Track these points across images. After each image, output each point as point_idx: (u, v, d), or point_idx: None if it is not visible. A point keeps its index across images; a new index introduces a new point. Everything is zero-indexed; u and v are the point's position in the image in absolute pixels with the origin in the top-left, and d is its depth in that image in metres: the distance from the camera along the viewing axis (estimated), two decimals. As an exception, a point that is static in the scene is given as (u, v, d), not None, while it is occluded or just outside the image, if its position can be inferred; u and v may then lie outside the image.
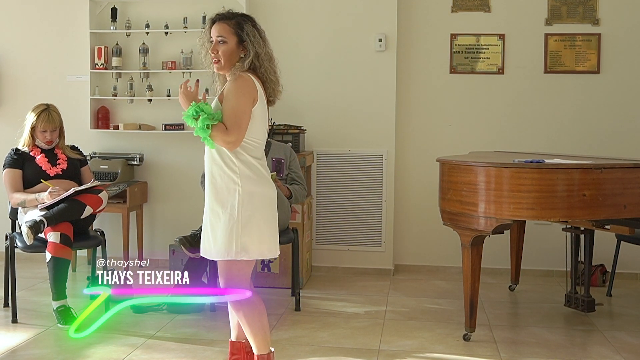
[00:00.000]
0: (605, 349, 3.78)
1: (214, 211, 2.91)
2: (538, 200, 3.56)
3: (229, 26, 2.94)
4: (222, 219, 2.88)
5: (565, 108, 5.45)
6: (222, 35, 2.94)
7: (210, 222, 2.93)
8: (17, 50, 5.82)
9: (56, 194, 4.12)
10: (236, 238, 2.87)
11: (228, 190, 2.88)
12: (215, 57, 2.94)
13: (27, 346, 3.73)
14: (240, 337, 3.23)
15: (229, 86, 2.88)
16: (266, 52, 2.95)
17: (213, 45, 2.95)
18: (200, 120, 2.79)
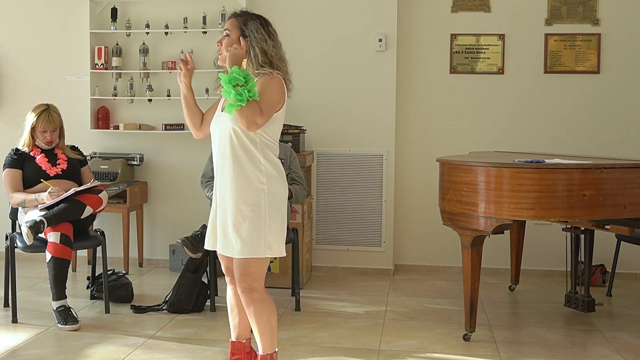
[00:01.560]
0: (605, 349, 3.78)
1: (238, 210, 2.90)
2: (538, 200, 3.56)
3: (236, 21, 3.06)
4: (248, 217, 2.89)
5: (565, 108, 5.45)
6: (227, 28, 3.06)
7: (232, 220, 2.91)
8: (17, 50, 5.82)
9: (56, 194, 4.12)
10: (264, 236, 2.90)
11: (254, 189, 2.91)
12: (219, 49, 3.04)
13: (27, 346, 3.73)
14: (240, 337, 3.23)
15: (267, 81, 2.90)
16: (277, 53, 3.01)
17: (220, 38, 3.04)
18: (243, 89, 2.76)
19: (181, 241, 4.09)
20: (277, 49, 3.01)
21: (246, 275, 2.94)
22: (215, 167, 3.03)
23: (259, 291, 2.95)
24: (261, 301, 2.96)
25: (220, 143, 2.97)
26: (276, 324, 3.04)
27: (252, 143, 2.91)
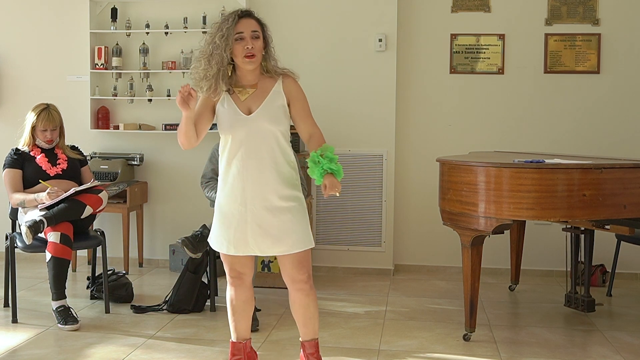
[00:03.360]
0: (605, 349, 3.78)
1: (280, 208, 2.96)
2: (538, 200, 3.56)
3: (259, 23, 3.03)
4: (293, 212, 2.99)
5: (565, 108, 5.45)
6: (257, 30, 3.00)
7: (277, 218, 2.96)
8: (17, 50, 5.82)
9: (54, 194, 4.12)
10: (308, 227, 3.04)
11: (292, 185, 3.02)
12: (251, 52, 2.95)
13: (27, 346, 3.73)
14: (241, 338, 3.23)
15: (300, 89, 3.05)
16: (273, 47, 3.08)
17: (248, 39, 2.95)
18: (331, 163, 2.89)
19: (181, 241, 4.09)
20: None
21: (305, 267, 3.04)
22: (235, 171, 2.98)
23: (311, 279, 3.09)
24: (313, 289, 3.12)
25: (252, 146, 2.95)
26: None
27: (287, 143, 3.03)
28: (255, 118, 2.97)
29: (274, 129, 2.97)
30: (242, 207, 2.98)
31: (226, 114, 3.00)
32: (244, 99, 3.00)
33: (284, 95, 3.01)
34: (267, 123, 2.96)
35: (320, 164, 2.89)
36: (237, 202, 2.99)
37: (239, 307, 3.18)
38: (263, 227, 2.97)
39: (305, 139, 3.07)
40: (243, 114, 2.99)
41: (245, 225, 2.98)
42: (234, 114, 2.99)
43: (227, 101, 3.01)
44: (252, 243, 3.00)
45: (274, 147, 2.98)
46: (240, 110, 2.99)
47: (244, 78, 3.03)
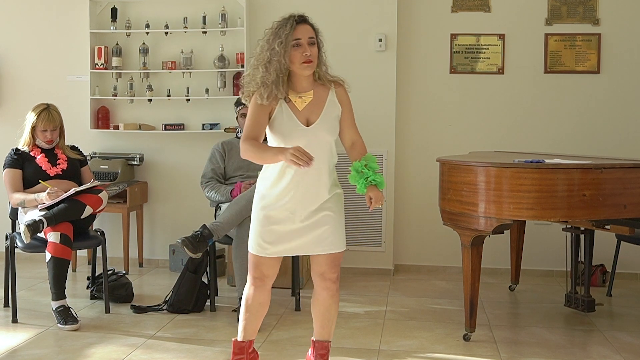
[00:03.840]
0: (605, 349, 3.78)
1: (327, 207, 3.01)
2: (538, 200, 3.56)
3: (314, 30, 3.02)
4: (337, 214, 3.05)
5: (565, 108, 5.45)
6: (312, 36, 2.99)
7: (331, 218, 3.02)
8: (17, 50, 5.82)
9: (54, 194, 4.12)
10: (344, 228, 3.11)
11: (337, 184, 3.09)
12: (309, 58, 2.94)
13: (27, 346, 3.73)
14: (246, 338, 3.19)
15: (348, 97, 3.11)
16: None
17: (305, 46, 2.94)
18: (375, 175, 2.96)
19: (181, 241, 4.08)
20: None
21: (337, 267, 3.10)
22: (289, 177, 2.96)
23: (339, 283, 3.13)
24: (339, 292, 3.16)
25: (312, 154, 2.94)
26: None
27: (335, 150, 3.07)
28: (315, 130, 2.97)
29: (331, 139, 3.02)
30: (291, 215, 2.99)
31: (284, 122, 2.97)
32: (302, 108, 2.99)
33: (339, 105, 3.06)
34: (326, 134, 3.00)
35: (364, 174, 2.93)
36: (286, 209, 2.98)
37: (253, 308, 3.14)
38: (312, 229, 3.00)
39: (347, 145, 3.10)
40: (302, 125, 2.97)
41: (291, 227, 2.99)
42: (293, 124, 2.97)
43: (285, 109, 2.98)
44: (295, 244, 3.02)
45: (328, 156, 3.02)
46: (299, 120, 2.97)
47: (299, 85, 3.00)
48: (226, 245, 4.70)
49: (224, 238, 4.31)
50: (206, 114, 5.62)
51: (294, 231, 3.00)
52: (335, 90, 3.07)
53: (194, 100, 5.58)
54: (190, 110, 5.64)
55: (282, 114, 2.97)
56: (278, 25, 2.97)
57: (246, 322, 3.17)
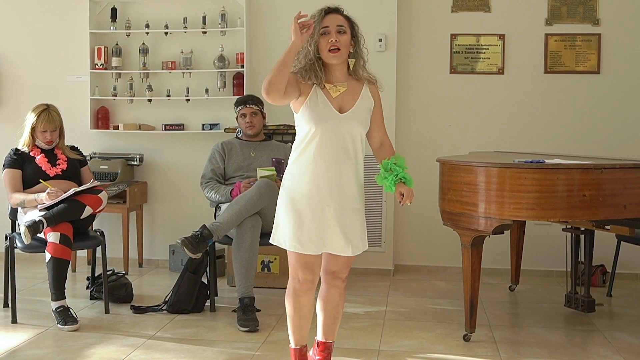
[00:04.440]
0: (605, 349, 3.78)
1: (356, 208, 3.02)
2: (538, 201, 3.56)
3: (346, 20, 3.01)
4: (360, 216, 3.05)
5: (565, 108, 5.45)
6: (343, 24, 2.98)
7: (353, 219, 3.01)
8: (17, 50, 5.82)
9: (54, 194, 4.11)
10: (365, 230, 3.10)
11: (362, 189, 3.08)
12: (336, 45, 2.93)
13: (27, 346, 3.73)
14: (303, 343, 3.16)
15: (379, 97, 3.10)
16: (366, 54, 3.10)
17: (332, 33, 2.94)
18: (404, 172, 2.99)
19: (181, 241, 4.08)
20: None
21: (349, 267, 3.12)
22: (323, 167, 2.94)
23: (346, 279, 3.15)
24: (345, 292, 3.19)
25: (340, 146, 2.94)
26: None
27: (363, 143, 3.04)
28: (347, 118, 2.96)
29: (362, 131, 3.00)
30: (325, 206, 2.94)
31: (317, 107, 2.95)
32: (335, 96, 2.98)
33: (372, 99, 3.05)
34: (357, 124, 2.98)
35: (393, 172, 2.95)
36: (319, 201, 2.94)
37: (306, 312, 3.09)
38: (341, 227, 2.97)
39: (375, 146, 3.10)
40: (335, 111, 2.96)
41: (324, 223, 2.95)
42: (326, 109, 2.95)
43: (319, 95, 2.97)
44: (327, 242, 2.98)
45: (358, 149, 3.00)
46: (333, 106, 2.97)
47: (333, 75, 3.00)
48: (226, 245, 4.69)
49: (224, 238, 4.31)
50: (206, 114, 5.61)
51: (329, 228, 2.95)
52: (369, 87, 3.06)
53: (194, 100, 5.58)
54: (190, 110, 5.63)
55: (316, 99, 2.96)
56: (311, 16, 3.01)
57: (302, 328, 3.12)
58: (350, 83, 3.02)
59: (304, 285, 3.04)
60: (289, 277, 3.08)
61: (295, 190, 2.98)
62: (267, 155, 4.69)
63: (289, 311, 3.11)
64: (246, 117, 4.71)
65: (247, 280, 4.16)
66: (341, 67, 3.01)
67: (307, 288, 3.05)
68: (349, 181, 2.98)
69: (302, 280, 3.03)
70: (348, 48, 2.98)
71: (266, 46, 5.53)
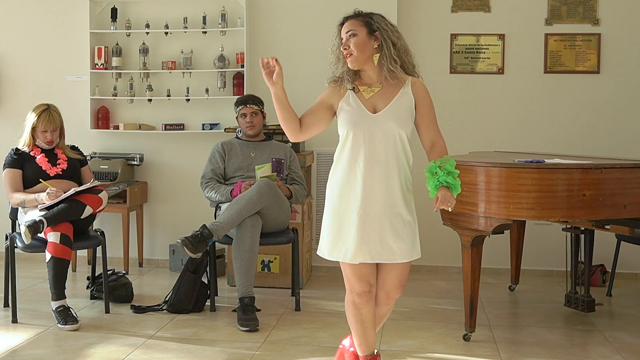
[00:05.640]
0: (605, 349, 3.78)
1: (399, 214, 2.89)
2: (538, 200, 3.56)
3: (357, 20, 2.95)
4: (407, 221, 2.91)
5: (565, 108, 5.45)
6: (351, 29, 2.92)
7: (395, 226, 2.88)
8: (17, 50, 5.82)
9: (54, 195, 4.11)
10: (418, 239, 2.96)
11: (411, 193, 2.93)
12: (347, 51, 2.91)
13: (27, 346, 3.73)
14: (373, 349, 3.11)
15: (427, 94, 2.96)
16: (402, 45, 2.97)
17: (344, 42, 2.93)
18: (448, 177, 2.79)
19: (181, 241, 4.08)
20: (402, 40, 2.99)
21: (403, 286, 3.00)
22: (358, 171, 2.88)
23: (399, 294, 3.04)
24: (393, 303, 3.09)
25: (377, 147, 2.88)
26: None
27: (407, 144, 2.95)
28: (381, 117, 2.89)
29: (400, 130, 2.89)
30: (362, 211, 2.87)
31: (350, 111, 2.92)
32: (369, 97, 2.93)
33: (412, 97, 2.93)
34: (393, 123, 2.88)
35: (437, 175, 2.78)
36: (357, 206, 2.88)
37: (369, 322, 3.01)
38: (377, 232, 2.87)
39: (426, 147, 2.97)
40: (369, 112, 2.91)
41: (363, 230, 2.87)
42: (359, 111, 2.91)
43: (352, 98, 2.94)
44: (365, 249, 2.88)
45: (399, 150, 2.89)
46: (366, 107, 2.92)
47: (366, 77, 2.98)
48: (226, 245, 4.69)
49: (224, 238, 4.31)
50: (206, 114, 5.62)
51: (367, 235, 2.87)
52: (412, 84, 2.94)
53: (194, 100, 5.58)
54: (190, 110, 5.63)
55: (349, 103, 2.94)
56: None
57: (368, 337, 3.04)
58: (387, 82, 2.94)
59: (362, 297, 2.96)
60: (347, 290, 3.01)
61: (333, 196, 2.95)
62: (267, 155, 4.69)
63: (351, 323, 3.04)
64: (246, 117, 4.71)
65: (247, 280, 4.16)
66: (372, 68, 2.95)
67: (366, 299, 2.96)
68: (387, 184, 2.87)
69: (359, 292, 2.95)
70: (364, 48, 2.91)
71: (266, 46, 5.53)
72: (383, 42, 2.92)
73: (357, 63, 2.92)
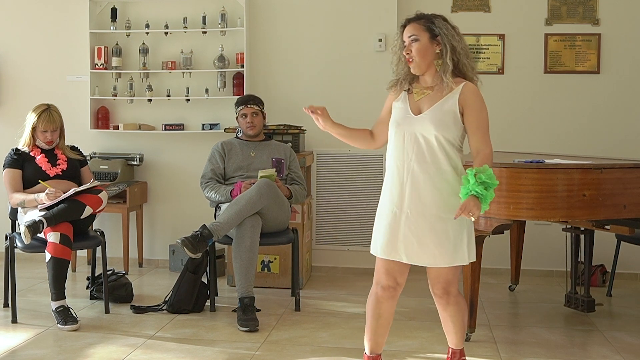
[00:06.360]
0: (605, 349, 3.78)
1: (439, 217, 2.88)
2: (538, 200, 3.56)
3: (419, 24, 2.96)
4: (449, 224, 2.89)
5: (565, 108, 5.45)
6: (413, 33, 2.94)
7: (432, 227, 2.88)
8: (17, 50, 5.82)
9: (53, 195, 4.11)
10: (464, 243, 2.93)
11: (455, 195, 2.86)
12: (409, 56, 2.93)
13: (27, 346, 3.73)
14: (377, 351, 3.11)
15: (477, 100, 2.90)
16: (462, 47, 2.94)
17: (407, 46, 2.94)
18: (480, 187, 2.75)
19: (181, 241, 4.08)
20: (463, 42, 2.96)
21: (439, 282, 3.00)
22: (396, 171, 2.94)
23: (454, 294, 3.03)
24: (452, 305, 3.05)
25: (415, 148, 2.90)
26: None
27: (455, 151, 2.92)
28: (421, 119, 2.91)
29: (439, 133, 2.87)
30: (397, 210, 2.92)
31: (396, 111, 3.00)
32: (418, 99, 2.96)
33: (457, 101, 2.90)
34: (432, 126, 2.88)
35: (469, 183, 2.75)
36: (393, 204, 2.93)
37: (386, 320, 3.04)
38: (414, 233, 2.89)
39: (472, 153, 2.94)
40: (411, 113, 2.95)
41: (397, 228, 2.91)
42: (404, 112, 2.97)
43: (403, 99, 3.00)
44: (401, 248, 2.91)
45: (439, 153, 2.88)
46: (411, 109, 2.96)
47: (423, 79, 3.00)
48: (226, 245, 4.69)
49: (224, 238, 4.31)
50: (206, 114, 5.61)
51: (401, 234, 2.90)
52: (462, 90, 2.91)
53: (194, 100, 5.58)
54: (190, 110, 5.63)
55: (399, 103, 3.01)
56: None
57: (378, 336, 3.07)
58: (440, 86, 2.94)
59: (386, 291, 2.99)
60: (373, 283, 3.05)
61: (382, 195, 3.02)
62: (267, 155, 4.69)
63: (367, 317, 3.06)
64: (247, 117, 4.71)
65: (247, 280, 4.16)
66: (430, 72, 2.96)
67: (389, 295, 3.00)
68: (425, 186, 2.88)
69: (384, 285, 2.99)
70: (426, 53, 2.92)
71: (266, 46, 5.53)
72: (443, 48, 2.92)
73: (419, 69, 2.95)
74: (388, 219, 2.95)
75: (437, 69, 2.93)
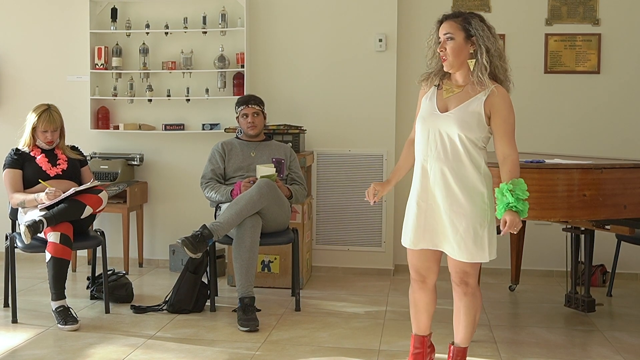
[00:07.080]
0: (605, 349, 3.78)
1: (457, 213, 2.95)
2: (538, 200, 3.56)
3: (456, 22, 2.97)
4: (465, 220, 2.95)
5: (566, 108, 5.45)
6: (449, 32, 2.95)
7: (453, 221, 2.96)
8: (17, 50, 5.82)
9: (52, 195, 4.11)
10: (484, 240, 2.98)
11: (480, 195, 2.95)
12: (443, 55, 2.96)
13: (27, 346, 3.73)
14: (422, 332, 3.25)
15: (505, 105, 2.92)
16: (496, 49, 2.98)
17: (441, 43, 2.97)
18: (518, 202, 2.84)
19: (181, 241, 4.08)
20: (497, 44, 2.99)
21: (458, 273, 3.09)
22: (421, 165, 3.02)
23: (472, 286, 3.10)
24: (469, 297, 3.11)
25: (439, 145, 2.96)
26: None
27: (478, 151, 2.96)
28: (446, 118, 2.96)
29: (462, 133, 2.91)
30: (422, 202, 3.02)
31: (424, 106, 3.06)
32: (447, 96, 3.00)
33: (483, 104, 2.92)
34: (455, 125, 2.92)
35: (506, 198, 2.83)
36: (419, 197, 3.03)
37: (421, 307, 3.22)
38: (437, 224, 3.01)
39: (498, 158, 2.97)
40: (437, 110, 2.99)
41: (422, 219, 3.03)
42: (431, 108, 3.02)
43: (431, 95, 3.05)
44: (428, 237, 3.04)
45: (461, 151, 2.93)
46: (438, 106, 3.00)
47: (454, 77, 3.03)
48: (226, 245, 4.69)
49: (224, 238, 4.31)
50: (206, 114, 5.62)
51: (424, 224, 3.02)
52: (491, 93, 2.92)
53: (194, 100, 5.58)
54: (190, 110, 5.64)
55: (427, 99, 3.06)
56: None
57: (417, 320, 3.23)
58: (470, 87, 2.97)
59: (415, 283, 3.20)
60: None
61: (412, 187, 3.10)
62: (267, 155, 4.69)
63: (410, 302, 3.25)
64: (248, 117, 4.71)
65: (248, 280, 4.16)
66: (462, 71, 2.99)
67: (418, 287, 3.19)
68: (446, 182, 2.95)
69: (413, 278, 3.20)
70: (460, 53, 2.94)
71: (266, 46, 5.53)
72: (478, 49, 2.94)
73: (451, 67, 2.98)
74: (414, 210, 3.05)
75: (469, 68, 2.96)
